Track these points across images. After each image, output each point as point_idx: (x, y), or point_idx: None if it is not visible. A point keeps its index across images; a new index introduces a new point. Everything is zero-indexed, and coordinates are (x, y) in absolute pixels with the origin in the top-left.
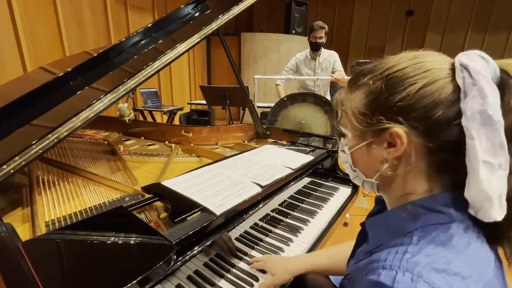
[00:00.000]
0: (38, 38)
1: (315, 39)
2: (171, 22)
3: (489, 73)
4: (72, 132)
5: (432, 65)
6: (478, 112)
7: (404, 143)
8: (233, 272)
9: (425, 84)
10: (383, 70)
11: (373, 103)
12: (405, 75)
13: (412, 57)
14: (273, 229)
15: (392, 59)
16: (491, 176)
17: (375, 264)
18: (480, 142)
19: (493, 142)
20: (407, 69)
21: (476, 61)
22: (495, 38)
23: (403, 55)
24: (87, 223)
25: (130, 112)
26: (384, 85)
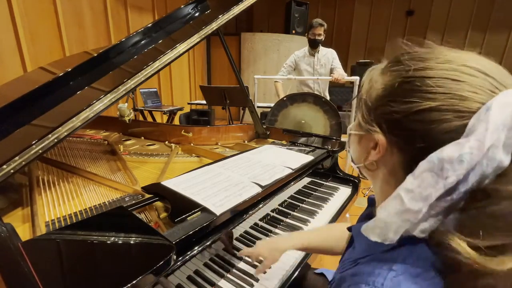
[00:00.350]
0: (38, 38)
1: (314, 36)
2: (171, 22)
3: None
4: (72, 132)
5: (463, 91)
6: (439, 158)
7: (382, 152)
8: (233, 272)
9: (432, 108)
10: (410, 68)
11: (379, 100)
12: (422, 87)
13: (453, 69)
14: (273, 229)
15: (435, 59)
16: (393, 211)
17: (358, 277)
18: (413, 181)
19: (423, 190)
20: (430, 81)
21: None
22: (495, 38)
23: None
24: (87, 223)
25: (130, 112)
26: (398, 85)
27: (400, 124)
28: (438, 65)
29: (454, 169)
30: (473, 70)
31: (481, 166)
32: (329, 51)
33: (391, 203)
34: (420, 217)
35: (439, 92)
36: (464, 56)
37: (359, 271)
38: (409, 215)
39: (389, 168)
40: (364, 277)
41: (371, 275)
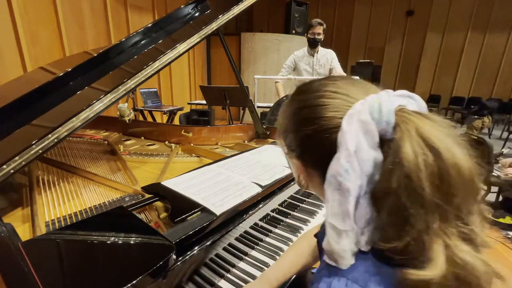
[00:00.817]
0: (38, 38)
1: (313, 35)
2: (171, 22)
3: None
4: (72, 132)
5: (327, 112)
6: (333, 176)
7: (301, 171)
8: (233, 272)
9: (314, 130)
10: (296, 101)
11: (285, 132)
12: (304, 116)
13: (319, 96)
14: (273, 229)
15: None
16: (338, 238)
17: (322, 272)
18: (332, 206)
19: (343, 208)
20: (307, 110)
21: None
22: (495, 38)
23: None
24: (87, 223)
25: (130, 112)
26: (291, 118)
27: (301, 149)
28: (310, 95)
29: (346, 179)
30: (332, 93)
31: (360, 169)
32: (328, 51)
33: (331, 234)
34: (357, 232)
35: (314, 117)
36: (327, 82)
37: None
38: (349, 233)
39: (316, 184)
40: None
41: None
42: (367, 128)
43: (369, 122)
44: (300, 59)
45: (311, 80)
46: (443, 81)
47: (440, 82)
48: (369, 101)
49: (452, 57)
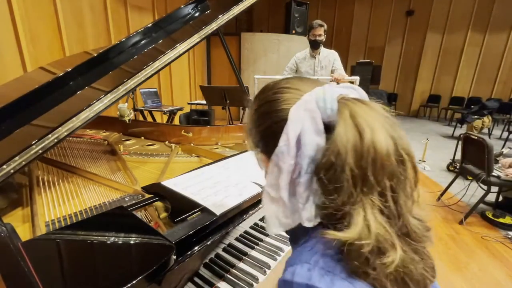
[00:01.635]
0: (38, 38)
1: (314, 37)
2: (171, 22)
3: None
4: (72, 132)
5: (281, 105)
6: (275, 154)
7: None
8: (232, 273)
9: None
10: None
11: (250, 129)
12: (262, 112)
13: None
14: None
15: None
16: (268, 203)
17: (286, 263)
18: (270, 178)
19: (276, 181)
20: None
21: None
22: (495, 38)
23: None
24: (87, 223)
25: (130, 112)
26: (253, 116)
27: (263, 142)
28: (268, 93)
29: (281, 160)
30: (285, 89)
31: (302, 152)
32: (331, 52)
33: (265, 199)
34: (299, 207)
35: (271, 111)
36: (282, 81)
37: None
38: (277, 203)
39: None
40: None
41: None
42: (312, 115)
43: (314, 110)
44: (301, 61)
45: (268, 83)
46: (443, 81)
47: (440, 82)
48: (316, 92)
49: (452, 57)
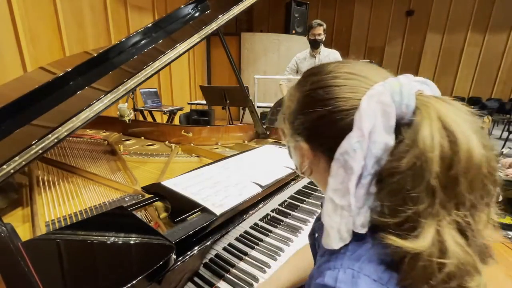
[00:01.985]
0: (38, 38)
1: (313, 36)
2: (171, 22)
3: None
4: (72, 132)
5: (344, 93)
6: (341, 153)
7: (309, 158)
8: (233, 273)
9: (328, 111)
10: (309, 82)
11: (293, 114)
12: (317, 97)
13: (335, 77)
14: (273, 229)
15: (323, 72)
16: (332, 213)
17: (323, 266)
18: (334, 182)
19: (344, 185)
20: (322, 91)
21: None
22: (495, 38)
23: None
24: (87, 223)
25: (130, 112)
26: (302, 100)
27: (311, 131)
28: (325, 76)
29: (352, 158)
30: (349, 75)
31: (370, 151)
32: (332, 52)
33: (327, 207)
34: (354, 211)
35: (329, 98)
36: (343, 65)
37: (323, 261)
38: (344, 211)
39: (321, 171)
40: (326, 264)
41: (331, 260)
42: (386, 110)
43: (389, 104)
44: (302, 61)
45: (322, 64)
46: (443, 81)
47: (440, 82)
48: (390, 84)
49: (452, 57)
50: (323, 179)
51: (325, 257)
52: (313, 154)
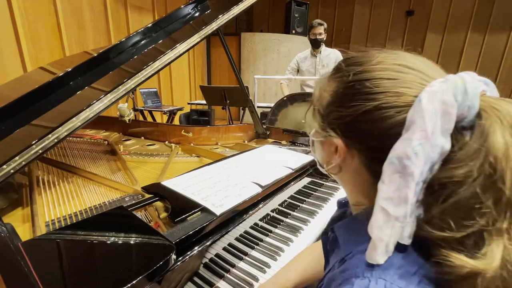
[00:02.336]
0: (38, 38)
1: (314, 36)
2: (171, 22)
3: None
4: (72, 132)
5: (397, 87)
6: (397, 158)
7: (342, 155)
8: (233, 272)
9: (375, 107)
10: (350, 73)
11: (329, 107)
12: (363, 89)
13: (385, 69)
14: (273, 229)
15: (369, 62)
16: (384, 224)
17: (348, 272)
18: (387, 190)
19: (400, 193)
20: (369, 83)
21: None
22: (495, 38)
23: (382, 61)
24: (87, 223)
25: (130, 112)
26: (342, 91)
27: (350, 127)
28: (372, 67)
29: (413, 163)
30: (403, 68)
31: (429, 155)
32: (333, 51)
33: (378, 218)
34: (406, 222)
35: (377, 92)
36: (393, 55)
37: (347, 266)
38: (397, 223)
39: (353, 169)
40: (353, 271)
41: (359, 267)
42: (447, 110)
43: (451, 104)
44: (303, 60)
45: (365, 53)
46: None
47: None
48: (452, 81)
49: (452, 57)
50: (351, 179)
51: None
52: (347, 151)
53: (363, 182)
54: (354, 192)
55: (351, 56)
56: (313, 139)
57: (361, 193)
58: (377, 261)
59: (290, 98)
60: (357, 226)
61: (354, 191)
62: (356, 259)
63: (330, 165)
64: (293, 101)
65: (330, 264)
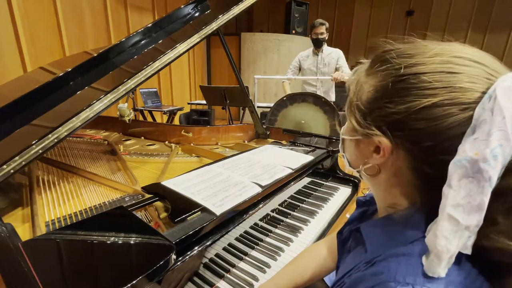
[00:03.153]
0: (38, 38)
1: (316, 35)
2: (171, 22)
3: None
4: (72, 132)
5: (461, 82)
6: (469, 161)
7: (387, 155)
8: (233, 272)
9: (434, 104)
10: (401, 65)
11: (373, 102)
12: (418, 84)
13: (444, 61)
14: (273, 229)
15: (422, 53)
16: (452, 234)
17: (383, 276)
18: (456, 195)
19: (472, 200)
20: (425, 77)
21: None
22: (495, 38)
23: (439, 52)
24: (87, 223)
25: (130, 112)
26: (391, 86)
27: (402, 125)
28: (429, 59)
29: (492, 166)
30: (466, 60)
31: (506, 157)
32: (335, 50)
33: (445, 227)
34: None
35: (438, 87)
36: (449, 47)
37: (380, 269)
38: (465, 232)
39: (394, 171)
40: (391, 275)
41: (399, 272)
42: None
43: None
44: (305, 58)
45: (416, 43)
46: None
47: None
48: None
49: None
50: (388, 181)
51: (385, 264)
52: (392, 151)
53: (403, 183)
54: (389, 194)
55: (395, 48)
56: (346, 137)
57: (402, 195)
58: (439, 274)
59: (289, 98)
60: (391, 228)
61: (391, 193)
62: (391, 263)
63: (366, 166)
64: (293, 101)
65: (350, 264)
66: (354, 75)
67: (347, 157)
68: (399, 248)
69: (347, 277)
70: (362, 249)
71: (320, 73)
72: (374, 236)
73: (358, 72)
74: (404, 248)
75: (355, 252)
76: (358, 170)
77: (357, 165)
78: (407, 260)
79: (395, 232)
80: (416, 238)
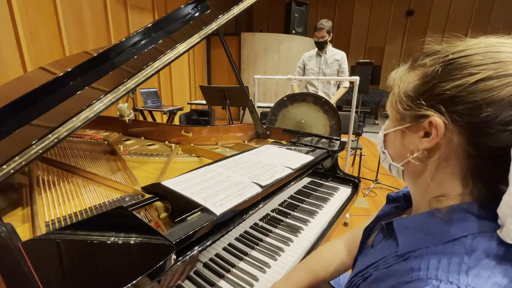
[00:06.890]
0: (38, 38)
1: (317, 38)
2: (171, 22)
3: None
4: (72, 132)
5: (508, 57)
6: None
7: (440, 135)
8: (233, 272)
9: (488, 77)
10: (448, 53)
11: (422, 86)
12: (470, 62)
13: (489, 45)
14: (273, 229)
15: (465, 43)
16: None
17: (420, 273)
18: None
19: None
20: (476, 56)
21: None
22: None
23: (482, 40)
24: (87, 223)
25: (130, 112)
26: (441, 69)
27: (458, 99)
28: (475, 44)
29: None
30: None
31: None
32: (338, 52)
33: None
34: None
35: (490, 62)
36: (488, 38)
37: (417, 265)
38: None
39: (445, 154)
40: (430, 272)
41: (440, 269)
42: None
43: None
44: (309, 59)
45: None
46: None
47: None
48: None
49: None
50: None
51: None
52: (445, 136)
53: (455, 167)
54: (437, 183)
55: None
56: (391, 130)
57: (452, 181)
58: None
59: (289, 98)
60: (431, 225)
61: (439, 182)
62: (431, 260)
63: (414, 154)
64: (293, 101)
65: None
66: (393, 77)
67: (390, 153)
68: (439, 246)
69: (373, 269)
70: (393, 243)
71: (322, 73)
72: (409, 231)
73: (397, 73)
74: (444, 246)
75: (382, 245)
76: (403, 164)
77: (403, 157)
78: (448, 259)
79: (435, 229)
80: (458, 237)
